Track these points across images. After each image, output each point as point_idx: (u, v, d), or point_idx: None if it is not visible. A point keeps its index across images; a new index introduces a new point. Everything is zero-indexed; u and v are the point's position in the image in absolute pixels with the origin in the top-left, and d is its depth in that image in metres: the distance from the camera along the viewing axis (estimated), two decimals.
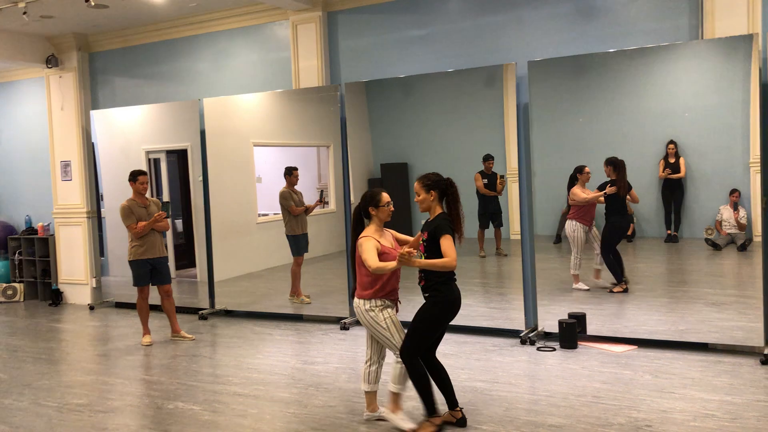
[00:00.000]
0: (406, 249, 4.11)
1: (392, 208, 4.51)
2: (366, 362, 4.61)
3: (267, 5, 7.94)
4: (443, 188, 4.35)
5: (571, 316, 6.34)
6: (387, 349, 4.56)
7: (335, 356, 6.28)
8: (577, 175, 6.59)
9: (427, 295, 4.35)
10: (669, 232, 6.48)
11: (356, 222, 4.56)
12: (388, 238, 4.54)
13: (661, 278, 6.64)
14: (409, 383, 4.40)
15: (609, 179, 6.46)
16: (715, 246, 6.29)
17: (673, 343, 5.99)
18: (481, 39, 6.99)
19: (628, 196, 6.42)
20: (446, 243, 4.19)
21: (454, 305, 4.34)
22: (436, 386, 4.44)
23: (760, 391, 4.88)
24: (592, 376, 5.37)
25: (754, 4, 5.78)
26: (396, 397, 4.49)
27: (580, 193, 6.59)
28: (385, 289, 4.43)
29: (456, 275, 4.37)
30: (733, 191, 6.05)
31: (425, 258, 4.31)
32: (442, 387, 4.47)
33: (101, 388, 5.73)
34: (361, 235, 4.43)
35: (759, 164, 5.79)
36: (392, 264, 4.19)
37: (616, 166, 6.39)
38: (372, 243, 4.33)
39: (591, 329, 6.31)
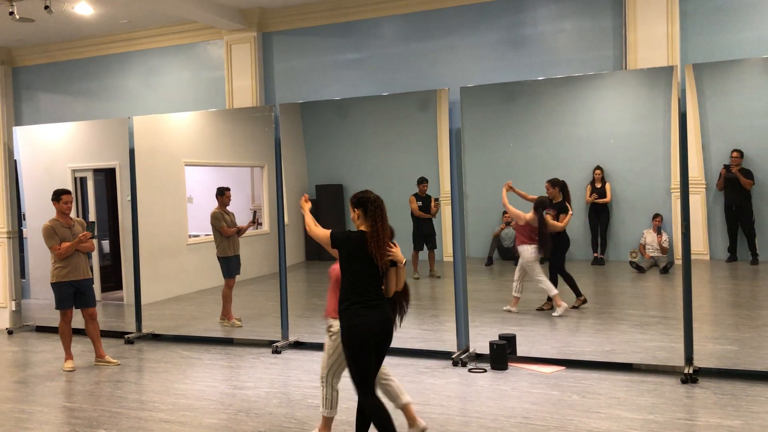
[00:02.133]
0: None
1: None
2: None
3: (201, 24, 7.87)
4: (365, 205, 4.09)
5: (501, 337, 6.42)
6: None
7: (266, 381, 6.17)
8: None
9: None
10: (596, 254, 6.67)
11: None
12: None
13: (588, 299, 6.80)
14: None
15: (551, 198, 6.58)
16: (639, 269, 6.50)
17: (599, 363, 6.14)
18: (415, 64, 7.10)
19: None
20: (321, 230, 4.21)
21: (353, 331, 3.96)
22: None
23: (681, 410, 5.04)
24: (522, 396, 5.45)
25: (674, 38, 6.07)
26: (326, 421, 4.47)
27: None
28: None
29: (363, 297, 4.00)
30: (656, 216, 6.28)
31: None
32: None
33: (18, 416, 5.46)
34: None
35: (679, 190, 6.04)
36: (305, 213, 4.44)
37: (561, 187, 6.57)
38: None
39: (521, 350, 6.41)
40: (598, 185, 6.54)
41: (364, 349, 3.99)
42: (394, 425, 4.00)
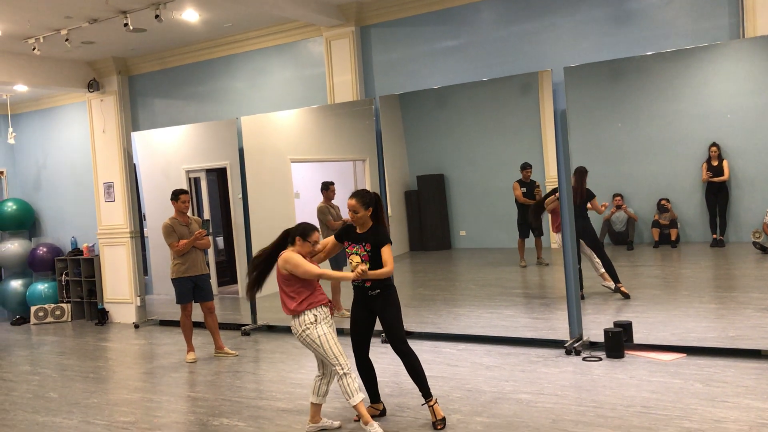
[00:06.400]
0: (361, 267, 4.51)
1: (318, 248, 4.88)
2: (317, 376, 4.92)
3: (301, 22, 8.03)
4: (375, 204, 4.74)
5: (616, 324, 6.22)
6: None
7: (378, 370, 6.21)
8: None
9: (378, 291, 4.76)
10: (714, 236, 6.33)
11: (279, 242, 4.84)
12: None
13: (708, 284, 6.48)
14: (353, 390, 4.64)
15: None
16: (764, 249, 6.12)
17: (723, 350, 5.84)
18: (515, 47, 6.95)
19: (589, 204, 6.57)
20: (388, 252, 4.67)
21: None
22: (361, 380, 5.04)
23: None
24: (641, 385, 5.26)
25: None
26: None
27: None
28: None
29: None
30: None
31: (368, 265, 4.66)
32: (373, 383, 5.08)
33: (147, 405, 5.80)
34: (282, 253, 4.71)
35: None
36: (342, 274, 4.71)
37: (576, 173, 6.50)
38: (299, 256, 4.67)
39: (637, 338, 6.19)
40: (715, 163, 6.19)
41: None
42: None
